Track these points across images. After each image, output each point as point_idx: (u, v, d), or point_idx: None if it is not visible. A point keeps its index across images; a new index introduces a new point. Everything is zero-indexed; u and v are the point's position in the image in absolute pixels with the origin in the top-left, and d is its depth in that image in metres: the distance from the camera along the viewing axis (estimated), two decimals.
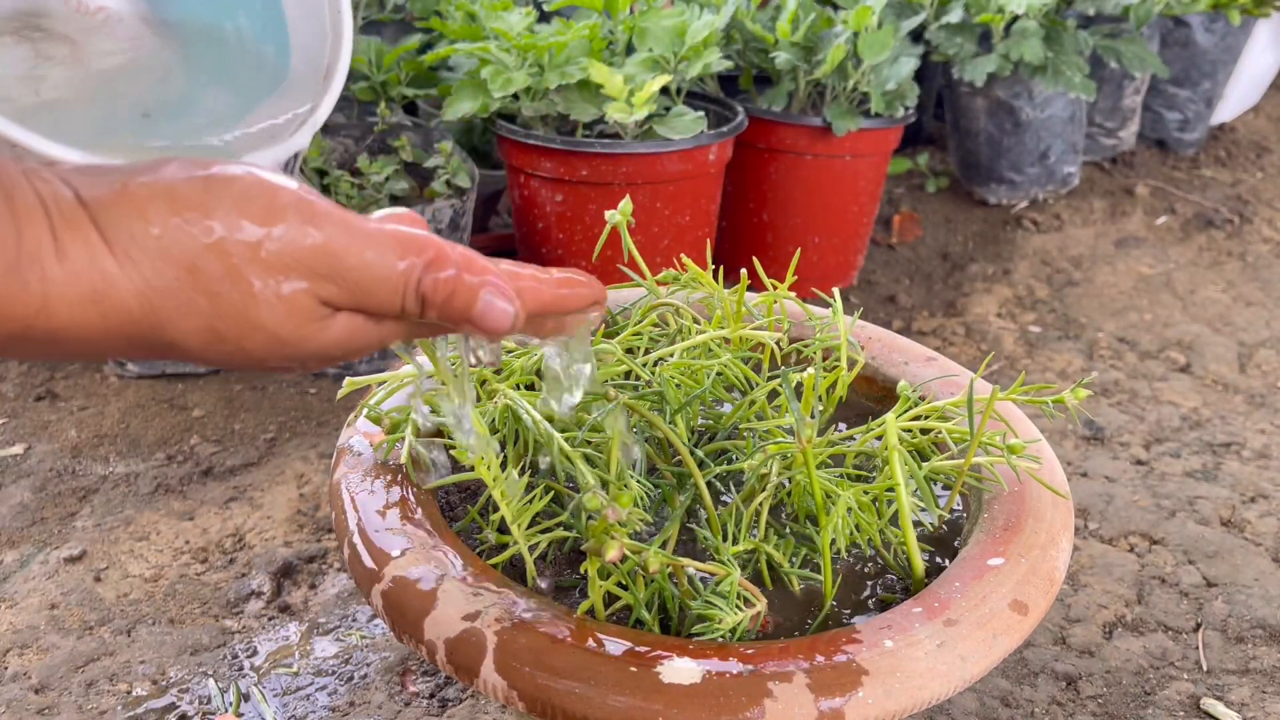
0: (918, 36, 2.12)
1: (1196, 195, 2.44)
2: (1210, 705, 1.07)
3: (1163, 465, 1.52)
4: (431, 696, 1.07)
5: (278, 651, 1.13)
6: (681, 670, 0.50)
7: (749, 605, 0.57)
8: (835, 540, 0.60)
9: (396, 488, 0.64)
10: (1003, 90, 2.19)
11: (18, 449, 1.45)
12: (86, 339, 0.40)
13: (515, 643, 0.52)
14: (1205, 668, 1.13)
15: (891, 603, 0.59)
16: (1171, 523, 1.36)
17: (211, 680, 1.08)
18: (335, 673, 1.10)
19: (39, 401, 1.55)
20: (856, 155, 1.87)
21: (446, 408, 0.55)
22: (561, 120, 1.73)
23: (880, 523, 0.63)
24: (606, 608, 0.57)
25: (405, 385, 0.70)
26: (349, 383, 0.68)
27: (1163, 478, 1.48)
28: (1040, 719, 1.06)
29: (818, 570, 0.63)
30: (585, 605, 0.56)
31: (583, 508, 0.52)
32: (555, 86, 1.62)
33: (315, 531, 1.31)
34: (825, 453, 0.65)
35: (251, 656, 1.12)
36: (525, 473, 0.63)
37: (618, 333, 0.74)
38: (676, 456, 0.67)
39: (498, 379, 0.68)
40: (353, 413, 0.73)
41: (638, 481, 0.62)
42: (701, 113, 1.67)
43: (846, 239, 1.98)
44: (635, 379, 0.69)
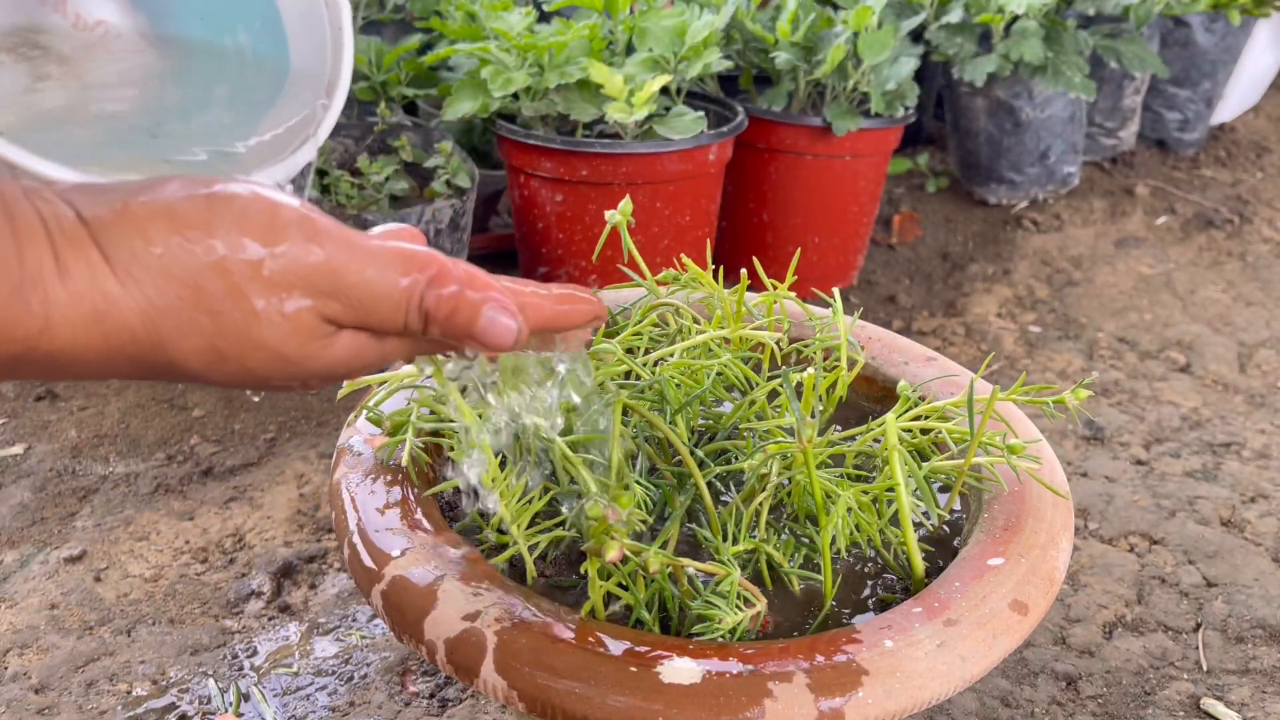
0: (918, 36, 2.12)
1: (1196, 195, 2.44)
2: (1210, 705, 1.07)
3: (1163, 465, 1.52)
4: (431, 696, 1.07)
5: (278, 651, 1.13)
6: (681, 670, 0.50)
7: (749, 605, 0.57)
8: (835, 540, 0.60)
9: (396, 488, 0.64)
10: (1003, 90, 2.19)
11: (18, 449, 1.45)
12: (89, 360, 0.40)
13: (515, 643, 0.52)
14: (1205, 668, 1.13)
15: (891, 603, 0.59)
16: (1171, 523, 1.36)
17: (211, 680, 1.08)
18: (335, 673, 1.10)
19: (39, 401, 1.55)
20: (856, 155, 1.87)
21: (457, 424, 0.55)
22: (561, 120, 1.73)
23: (880, 523, 0.63)
24: (606, 608, 0.57)
25: (405, 386, 0.70)
26: (349, 383, 0.68)
27: (1163, 478, 1.48)
28: (1040, 719, 1.06)
29: (818, 570, 0.63)
30: (586, 606, 0.56)
31: (584, 515, 0.52)
32: (555, 86, 1.62)
33: (315, 531, 1.31)
34: (825, 453, 0.65)
35: (251, 656, 1.12)
36: (524, 473, 0.63)
37: (618, 333, 0.74)
38: (676, 456, 0.67)
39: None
40: (353, 413, 0.73)
41: (638, 482, 0.62)
42: (701, 113, 1.67)
43: (846, 239, 1.98)
44: (635, 379, 0.69)
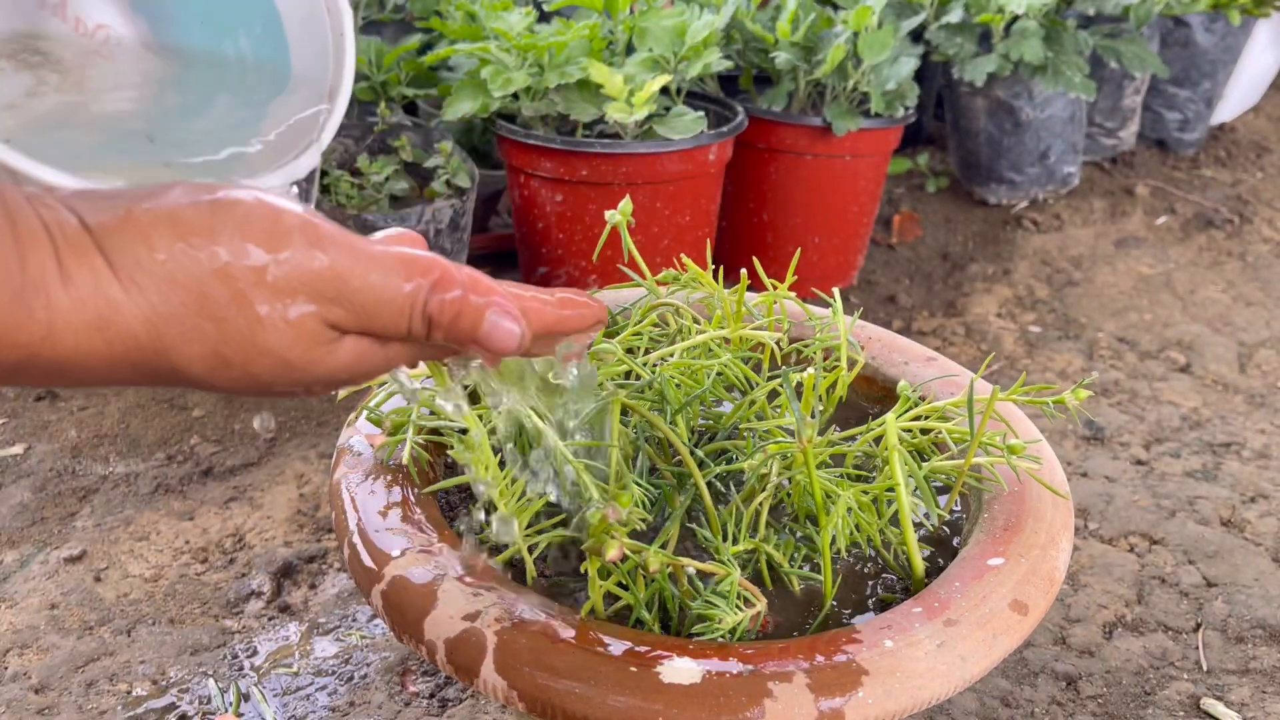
0: (918, 36, 2.12)
1: (1196, 195, 2.44)
2: (1210, 705, 1.07)
3: (1163, 465, 1.52)
4: (431, 696, 1.07)
5: (278, 651, 1.13)
6: (681, 670, 0.50)
7: (749, 605, 0.57)
8: (835, 540, 0.60)
9: (397, 488, 0.64)
10: (1003, 90, 2.19)
11: (18, 449, 1.45)
12: (92, 366, 0.40)
13: (515, 643, 0.52)
14: (1205, 668, 1.13)
15: (891, 603, 0.59)
16: (1171, 523, 1.36)
17: (211, 680, 1.08)
18: (335, 673, 1.10)
19: (39, 401, 1.55)
20: (856, 155, 1.87)
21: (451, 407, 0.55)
22: (561, 120, 1.73)
23: (880, 523, 0.63)
24: (606, 607, 0.57)
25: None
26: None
27: (1163, 478, 1.48)
28: (1040, 719, 1.06)
29: (818, 570, 0.63)
30: (586, 606, 0.56)
31: (586, 521, 0.52)
32: (555, 86, 1.62)
33: (315, 531, 1.31)
34: (825, 453, 0.65)
35: (251, 656, 1.12)
36: (524, 471, 0.63)
37: (618, 333, 0.74)
38: (676, 456, 0.67)
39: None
40: (353, 413, 0.73)
41: (637, 483, 0.62)
42: (701, 113, 1.67)
43: (846, 239, 1.98)
44: (635, 379, 0.69)
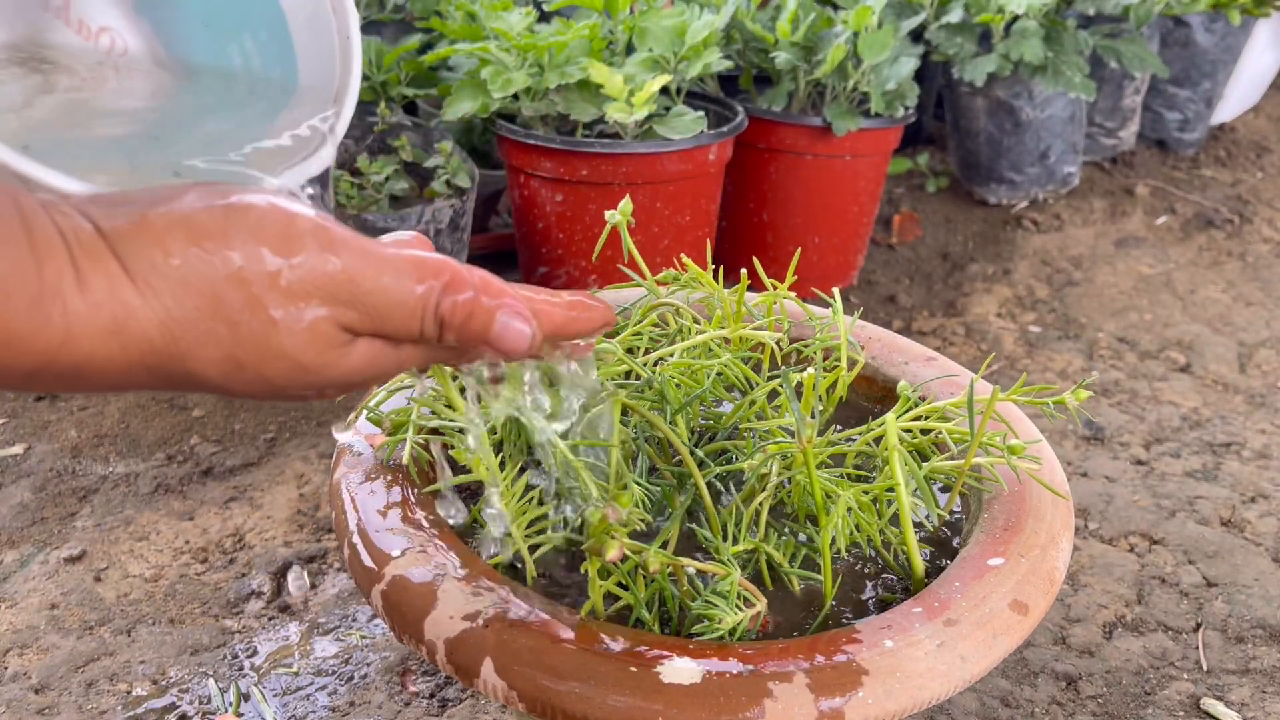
0: (918, 36, 2.12)
1: (1196, 195, 2.44)
2: (1210, 705, 1.07)
3: (1163, 465, 1.52)
4: (431, 696, 1.07)
5: (278, 651, 1.13)
6: (681, 670, 0.50)
7: (749, 605, 0.57)
8: (835, 540, 0.60)
9: (397, 488, 0.64)
10: (1003, 90, 2.19)
11: (18, 449, 1.45)
12: (107, 371, 0.40)
13: (515, 643, 0.52)
14: (1205, 668, 1.13)
15: (891, 603, 0.59)
16: (1171, 523, 1.36)
17: (211, 680, 1.08)
18: (335, 673, 1.10)
19: (39, 401, 1.55)
20: (856, 155, 1.87)
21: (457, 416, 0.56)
22: (561, 120, 1.73)
23: (880, 523, 0.63)
24: (606, 607, 0.57)
25: (405, 386, 0.70)
26: None
27: (1163, 478, 1.48)
28: (1040, 719, 1.06)
29: (818, 570, 0.63)
30: (586, 606, 0.56)
31: (587, 522, 0.52)
32: (555, 86, 1.62)
33: (315, 531, 1.31)
34: (825, 453, 0.65)
35: (251, 656, 1.12)
36: (525, 471, 0.63)
37: (618, 333, 0.74)
38: (676, 456, 0.67)
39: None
40: (353, 413, 0.73)
41: (637, 482, 0.62)
42: (701, 113, 1.66)
43: (846, 239, 1.98)
44: (635, 378, 0.69)
